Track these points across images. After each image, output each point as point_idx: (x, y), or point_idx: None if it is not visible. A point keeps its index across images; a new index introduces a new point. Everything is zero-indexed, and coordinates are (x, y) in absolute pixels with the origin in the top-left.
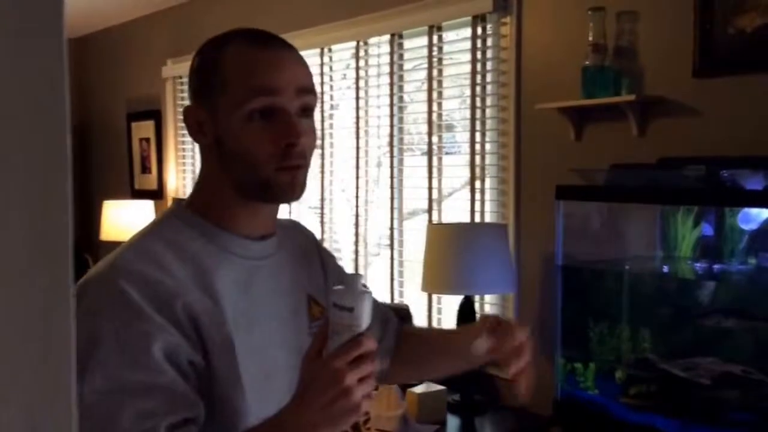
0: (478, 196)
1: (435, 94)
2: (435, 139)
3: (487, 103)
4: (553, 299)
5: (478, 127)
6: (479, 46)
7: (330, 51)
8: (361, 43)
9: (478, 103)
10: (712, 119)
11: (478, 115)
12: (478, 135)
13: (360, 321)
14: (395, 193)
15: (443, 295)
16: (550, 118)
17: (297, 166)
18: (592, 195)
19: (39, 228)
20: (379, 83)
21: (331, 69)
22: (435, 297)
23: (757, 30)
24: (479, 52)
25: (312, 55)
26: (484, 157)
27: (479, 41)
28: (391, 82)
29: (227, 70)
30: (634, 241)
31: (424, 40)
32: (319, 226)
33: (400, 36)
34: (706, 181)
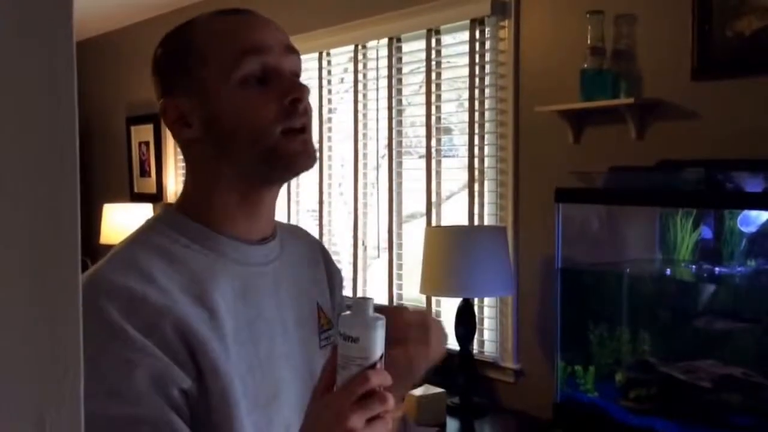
0: (476, 198)
1: (433, 97)
2: (433, 142)
3: (486, 106)
4: (552, 302)
5: (476, 130)
6: (477, 49)
7: (328, 55)
8: (359, 47)
9: (477, 107)
10: (710, 122)
11: (477, 118)
12: (476, 138)
13: (368, 353)
14: (394, 196)
15: (442, 298)
16: (549, 121)
17: (303, 127)
18: (591, 198)
19: (46, 229)
20: (377, 87)
21: (329, 73)
22: (434, 300)
23: (755, 33)
24: (477, 56)
25: (310, 59)
26: (482, 160)
27: (477, 44)
28: (390, 85)
29: (204, 43)
30: (634, 244)
31: (422, 44)
32: (317, 230)
33: (399, 40)
34: (704, 184)
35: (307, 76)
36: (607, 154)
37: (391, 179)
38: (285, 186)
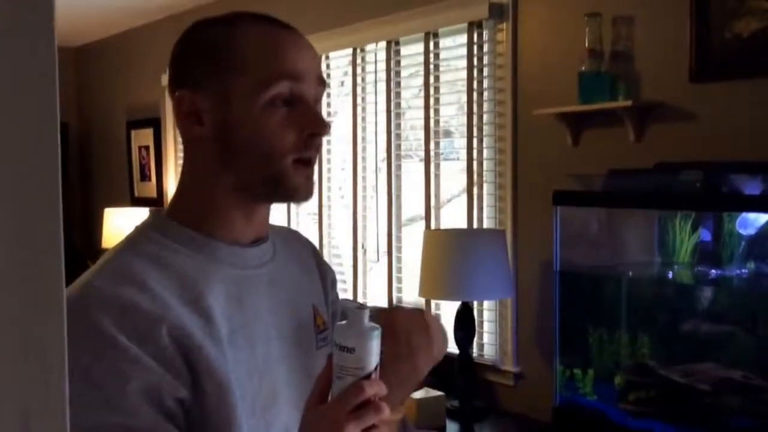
0: (475, 202)
1: (432, 100)
2: (432, 145)
3: (484, 109)
4: (551, 305)
5: (475, 133)
6: (476, 52)
7: (327, 58)
8: (358, 50)
9: (475, 109)
10: (709, 124)
11: (475, 121)
12: (475, 141)
13: (364, 363)
14: (393, 200)
15: (441, 301)
16: (547, 123)
17: (310, 159)
18: (590, 200)
19: (28, 230)
20: (376, 90)
21: (328, 76)
22: (433, 303)
23: (754, 34)
24: (476, 59)
25: None
26: (481, 163)
27: (476, 47)
28: (389, 88)
29: (248, 49)
30: (632, 247)
31: (420, 47)
32: (317, 233)
33: (397, 43)
34: (703, 186)
35: None
36: (605, 157)
37: (390, 182)
38: None
